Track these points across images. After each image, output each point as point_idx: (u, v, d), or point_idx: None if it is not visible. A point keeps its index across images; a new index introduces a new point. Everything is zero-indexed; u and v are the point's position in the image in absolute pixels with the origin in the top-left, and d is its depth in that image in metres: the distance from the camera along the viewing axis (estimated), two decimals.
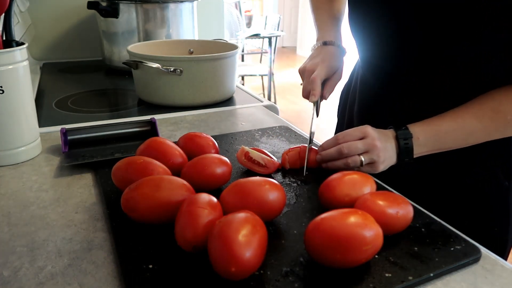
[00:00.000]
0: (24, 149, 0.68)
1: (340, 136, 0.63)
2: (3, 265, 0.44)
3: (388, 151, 0.62)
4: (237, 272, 0.38)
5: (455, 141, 0.63)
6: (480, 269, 0.46)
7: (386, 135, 0.63)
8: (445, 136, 0.62)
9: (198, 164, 0.57)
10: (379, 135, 0.62)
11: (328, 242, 0.41)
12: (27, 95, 0.68)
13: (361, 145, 0.61)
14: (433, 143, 0.62)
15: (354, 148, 0.60)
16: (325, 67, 0.72)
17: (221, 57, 0.96)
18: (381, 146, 0.60)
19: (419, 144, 0.62)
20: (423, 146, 0.62)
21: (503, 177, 0.69)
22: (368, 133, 0.61)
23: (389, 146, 0.62)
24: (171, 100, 0.97)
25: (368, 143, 0.60)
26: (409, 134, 0.62)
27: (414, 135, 0.62)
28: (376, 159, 0.60)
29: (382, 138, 0.62)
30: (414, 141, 0.62)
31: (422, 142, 0.62)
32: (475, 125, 0.61)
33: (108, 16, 1.27)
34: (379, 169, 0.62)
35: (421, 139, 0.62)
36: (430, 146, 0.62)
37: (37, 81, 1.20)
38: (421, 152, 0.63)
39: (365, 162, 0.60)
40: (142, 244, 0.46)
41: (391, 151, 0.62)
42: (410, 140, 0.62)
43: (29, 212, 0.55)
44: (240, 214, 0.42)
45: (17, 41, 0.70)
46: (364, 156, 0.60)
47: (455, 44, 0.61)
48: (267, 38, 4.33)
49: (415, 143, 0.62)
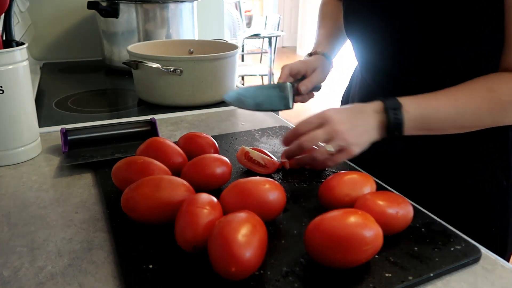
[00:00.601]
0: (24, 149, 0.68)
1: (299, 126, 0.58)
2: (3, 265, 0.44)
3: (357, 128, 0.57)
4: (237, 272, 0.38)
5: (445, 120, 0.58)
6: (480, 269, 0.46)
7: (356, 112, 0.58)
8: (435, 113, 0.57)
9: (198, 164, 0.57)
10: (342, 117, 0.57)
11: (328, 242, 0.41)
12: (27, 95, 0.68)
13: (321, 134, 0.56)
14: (422, 119, 0.58)
15: (314, 138, 0.56)
16: (300, 62, 0.75)
17: (221, 57, 0.96)
18: (344, 128, 0.56)
19: (408, 118, 0.57)
20: (412, 120, 0.57)
21: (502, 177, 0.69)
22: (327, 118, 0.56)
23: (359, 124, 0.57)
24: (171, 100, 0.97)
25: (328, 130, 0.56)
26: (398, 104, 0.57)
27: (404, 107, 0.57)
28: (343, 144, 0.56)
29: (347, 120, 0.57)
30: (404, 114, 0.57)
31: (412, 116, 0.57)
32: (467, 104, 0.57)
33: (108, 16, 1.27)
34: (354, 152, 0.57)
35: (411, 112, 0.57)
36: (419, 122, 0.58)
37: (37, 81, 1.20)
38: (410, 128, 0.58)
39: (333, 151, 0.56)
40: (142, 244, 0.46)
41: (365, 126, 0.57)
42: (399, 110, 0.57)
43: (29, 212, 0.55)
44: (240, 214, 0.42)
45: (17, 41, 0.70)
46: (330, 145, 0.56)
47: (455, 44, 0.61)
48: (267, 38, 4.33)
49: (405, 116, 0.57)
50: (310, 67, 0.78)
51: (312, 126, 0.57)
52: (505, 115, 0.58)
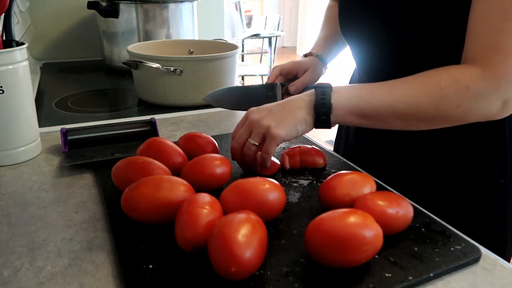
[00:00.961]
0: (24, 149, 0.68)
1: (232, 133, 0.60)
2: (3, 265, 0.44)
3: (278, 113, 0.56)
4: (237, 272, 0.38)
5: (380, 102, 0.55)
6: (480, 269, 0.46)
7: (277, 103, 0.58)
8: (369, 95, 0.56)
9: (198, 164, 0.57)
10: (259, 108, 0.58)
11: (328, 242, 0.41)
12: (27, 95, 0.68)
13: (242, 130, 0.57)
14: (355, 99, 0.56)
15: (239, 138, 0.58)
16: (292, 63, 0.75)
17: (221, 57, 0.96)
18: (258, 116, 0.56)
19: (340, 98, 0.56)
20: (344, 100, 0.56)
21: (500, 175, 0.69)
22: (247, 114, 0.58)
23: (280, 107, 0.57)
24: (171, 100, 0.97)
25: (247, 124, 0.57)
26: (328, 85, 0.57)
27: (335, 88, 0.57)
28: (262, 131, 0.56)
29: (263, 108, 0.58)
30: (334, 93, 0.56)
31: (344, 96, 0.56)
32: (403, 88, 0.55)
33: (108, 16, 1.27)
34: (278, 133, 0.55)
35: (343, 93, 0.56)
36: (352, 101, 0.56)
37: (37, 81, 1.20)
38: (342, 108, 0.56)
39: (255, 141, 0.56)
40: (142, 244, 0.46)
41: (287, 110, 0.56)
42: (327, 89, 0.56)
43: (29, 212, 0.55)
44: (240, 214, 0.42)
45: (17, 41, 0.70)
46: (252, 137, 0.56)
47: (455, 44, 0.61)
48: (267, 38, 4.33)
49: (335, 96, 0.56)
50: (302, 67, 0.79)
51: (238, 127, 0.59)
52: (446, 102, 0.54)
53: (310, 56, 0.83)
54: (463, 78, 0.53)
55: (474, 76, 0.53)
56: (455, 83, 0.53)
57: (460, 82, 0.53)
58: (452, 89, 0.53)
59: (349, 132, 0.87)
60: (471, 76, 0.53)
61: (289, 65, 0.79)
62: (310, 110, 0.57)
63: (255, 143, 0.56)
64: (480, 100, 0.54)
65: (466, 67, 0.54)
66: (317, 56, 0.83)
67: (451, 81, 0.54)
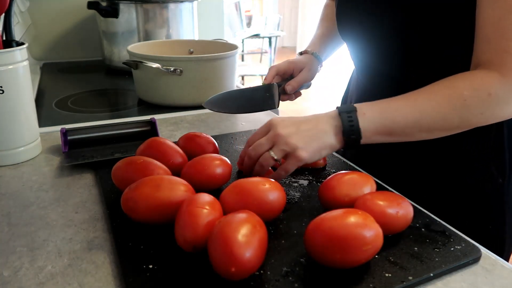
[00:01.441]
0: (24, 149, 0.68)
1: (249, 138, 0.58)
2: (3, 265, 0.44)
3: (304, 132, 0.54)
4: (237, 272, 0.38)
5: (405, 120, 0.55)
6: (480, 269, 0.46)
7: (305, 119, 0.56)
8: (394, 114, 0.55)
9: (198, 164, 0.57)
10: (287, 122, 0.55)
11: (328, 242, 0.41)
12: (27, 95, 0.68)
13: (264, 140, 0.55)
14: (381, 121, 0.55)
15: (259, 147, 0.55)
16: (288, 62, 0.75)
17: (221, 57, 0.96)
18: (286, 132, 0.54)
19: (366, 120, 0.55)
20: (371, 122, 0.55)
21: (498, 175, 0.69)
22: (272, 124, 0.55)
23: (308, 127, 0.55)
24: (171, 100, 0.97)
25: (270, 136, 0.55)
26: (352, 107, 0.55)
27: (359, 110, 0.55)
28: (287, 149, 0.54)
29: (291, 124, 0.55)
30: (359, 116, 0.54)
31: (369, 118, 0.55)
32: (427, 102, 0.55)
33: (108, 16, 1.27)
34: (302, 157, 0.54)
35: (368, 115, 0.55)
36: (378, 123, 0.55)
37: (37, 81, 1.20)
38: (369, 130, 0.55)
39: (276, 157, 0.54)
40: (142, 244, 0.46)
41: (314, 131, 0.55)
42: (354, 113, 0.54)
43: (29, 212, 0.55)
44: (240, 214, 0.42)
45: (17, 41, 0.70)
46: (274, 151, 0.54)
47: (455, 44, 0.61)
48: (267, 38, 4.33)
49: (361, 118, 0.54)
50: (297, 66, 0.79)
51: (260, 136, 0.56)
52: (470, 111, 0.54)
53: (305, 54, 0.83)
54: (484, 86, 0.53)
55: (494, 82, 0.53)
56: (477, 92, 0.53)
57: (482, 90, 0.53)
58: (475, 98, 0.53)
59: None
60: (491, 82, 0.53)
61: (285, 64, 0.79)
62: (338, 135, 0.55)
63: (275, 157, 0.54)
64: (502, 104, 0.54)
65: (485, 73, 0.54)
66: (312, 54, 0.83)
67: (473, 90, 0.53)
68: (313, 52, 0.83)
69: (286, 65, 0.79)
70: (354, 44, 0.76)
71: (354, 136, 0.54)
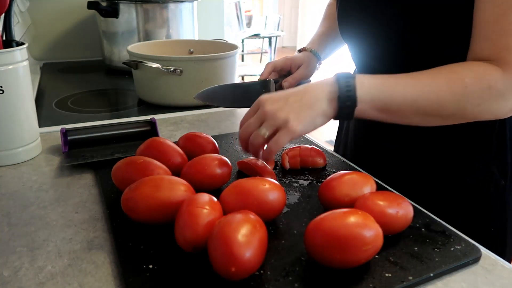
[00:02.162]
0: (24, 149, 0.68)
1: (241, 121, 0.56)
2: (3, 265, 0.44)
3: (295, 104, 0.52)
4: (237, 272, 0.38)
5: (403, 97, 0.53)
6: (480, 269, 0.46)
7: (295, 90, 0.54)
8: (394, 89, 0.53)
9: (198, 164, 0.57)
10: (274, 98, 0.53)
11: (328, 242, 0.41)
12: (27, 95, 0.68)
13: (253, 119, 0.53)
14: (379, 92, 0.53)
15: (248, 127, 0.54)
16: (285, 59, 0.74)
17: (221, 57, 0.96)
18: (275, 107, 0.52)
19: (364, 89, 0.52)
20: (368, 92, 0.52)
21: (500, 176, 0.69)
22: (260, 102, 0.54)
23: (298, 98, 0.53)
24: (171, 100, 0.97)
25: (259, 114, 0.53)
26: (352, 75, 0.53)
27: (358, 79, 0.53)
28: (276, 123, 0.51)
29: (278, 99, 0.53)
30: (358, 84, 0.52)
31: (367, 87, 0.53)
32: (428, 83, 0.54)
33: (108, 16, 1.27)
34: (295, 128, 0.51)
35: (366, 84, 0.53)
36: (375, 95, 0.53)
37: (37, 81, 1.20)
38: (365, 101, 0.53)
39: (266, 133, 0.52)
40: (142, 244, 0.46)
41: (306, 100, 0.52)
42: (352, 80, 0.52)
43: (29, 212, 0.55)
44: (240, 214, 0.42)
45: (17, 41, 0.70)
46: (263, 127, 0.52)
47: (455, 44, 0.61)
48: (267, 38, 4.33)
49: (359, 87, 0.52)
50: (295, 63, 0.79)
51: (249, 116, 0.55)
52: (468, 99, 0.53)
53: (304, 52, 0.83)
54: (486, 77, 0.53)
55: (496, 75, 0.52)
56: (479, 81, 0.53)
57: (484, 80, 0.53)
58: (476, 87, 0.53)
59: (348, 132, 0.87)
60: (493, 75, 0.53)
61: (282, 61, 0.78)
62: (333, 102, 0.52)
63: (265, 134, 0.52)
64: (499, 99, 0.54)
65: (488, 65, 0.53)
66: (311, 51, 0.82)
67: (475, 78, 0.53)
68: (312, 49, 0.83)
69: (283, 62, 0.78)
70: (355, 45, 0.76)
71: (350, 102, 0.52)
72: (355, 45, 0.76)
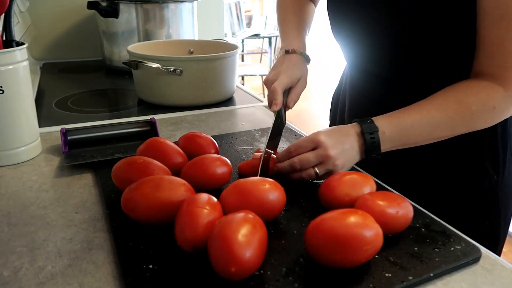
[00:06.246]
0: (24, 149, 0.68)
1: (292, 148, 0.60)
2: (3, 265, 0.44)
3: (346, 154, 0.59)
4: (237, 272, 0.38)
5: (420, 135, 0.60)
6: (480, 269, 0.46)
7: (344, 135, 0.59)
8: (411, 130, 0.59)
9: (198, 164, 0.57)
10: (334, 142, 0.58)
11: (328, 242, 0.41)
12: (27, 95, 0.68)
13: (313, 157, 0.57)
14: (399, 138, 0.60)
15: (306, 162, 0.58)
16: (287, 76, 0.71)
17: (221, 57, 0.96)
18: (335, 154, 0.57)
19: (385, 139, 0.59)
20: (389, 141, 0.59)
21: (493, 172, 0.69)
22: (320, 142, 0.57)
23: (348, 147, 0.59)
24: (171, 100, 0.97)
25: (320, 155, 0.57)
26: (375, 128, 0.59)
27: (380, 129, 0.59)
28: (332, 168, 0.58)
29: (337, 144, 0.58)
30: (381, 136, 0.59)
31: (388, 137, 0.59)
32: (440, 118, 0.59)
33: (108, 16, 1.27)
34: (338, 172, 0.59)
35: (387, 133, 0.59)
36: (396, 141, 0.60)
37: (37, 81, 1.20)
38: (387, 148, 0.60)
39: (320, 174, 0.58)
40: (142, 244, 0.46)
41: (351, 152, 0.59)
42: (376, 134, 0.58)
43: (29, 212, 0.55)
44: (240, 214, 0.42)
45: (17, 41, 0.70)
46: (319, 168, 0.58)
47: (453, 45, 0.61)
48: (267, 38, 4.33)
49: (382, 138, 0.59)
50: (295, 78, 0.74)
51: (305, 149, 0.59)
52: (476, 122, 0.61)
53: (293, 54, 0.77)
54: (490, 101, 0.59)
55: (498, 96, 0.59)
56: (484, 106, 0.59)
57: (488, 105, 0.59)
58: (482, 111, 0.59)
59: None
60: (496, 97, 0.59)
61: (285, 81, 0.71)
62: (361, 153, 0.60)
63: (320, 173, 0.58)
64: (504, 114, 0.62)
65: (491, 87, 0.59)
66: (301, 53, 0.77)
67: (481, 105, 0.59)
68: (302, 52, 0.77)
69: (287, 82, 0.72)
70: (348, 44, 0.76)
71: (375, 154, 0.59)
72: (349, 44, 0.76)
